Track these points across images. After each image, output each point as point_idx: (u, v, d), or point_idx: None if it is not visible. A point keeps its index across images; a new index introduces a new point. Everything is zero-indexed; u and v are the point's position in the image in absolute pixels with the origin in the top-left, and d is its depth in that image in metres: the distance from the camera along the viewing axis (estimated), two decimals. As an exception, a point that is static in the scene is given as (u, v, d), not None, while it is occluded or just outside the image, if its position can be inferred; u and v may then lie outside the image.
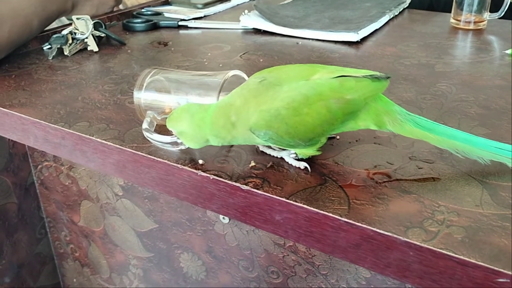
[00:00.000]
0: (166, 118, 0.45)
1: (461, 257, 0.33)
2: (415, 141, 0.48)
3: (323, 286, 0.56)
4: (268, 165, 0.44)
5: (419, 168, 0.44)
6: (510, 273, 0.32)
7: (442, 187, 0.41)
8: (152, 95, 0.49)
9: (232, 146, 0.48)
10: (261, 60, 0.71)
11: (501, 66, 0.68)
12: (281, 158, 0.45)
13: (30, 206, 0.84)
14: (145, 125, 0.47)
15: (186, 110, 0.43)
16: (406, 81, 0.63)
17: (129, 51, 0.77)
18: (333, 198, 0.39)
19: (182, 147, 0.45)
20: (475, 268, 0.33)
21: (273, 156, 0.45)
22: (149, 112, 0.48)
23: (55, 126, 0.53)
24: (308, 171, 0.42)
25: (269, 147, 0.46)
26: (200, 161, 0.45)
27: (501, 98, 0.58)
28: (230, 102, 0.42)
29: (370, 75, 0.41)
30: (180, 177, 0.45)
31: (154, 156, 0.46)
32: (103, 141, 0.49)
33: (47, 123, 0.53)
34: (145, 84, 0.49)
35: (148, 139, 0.46)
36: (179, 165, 0.44)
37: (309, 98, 0.39)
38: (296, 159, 0.44)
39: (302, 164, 0.43)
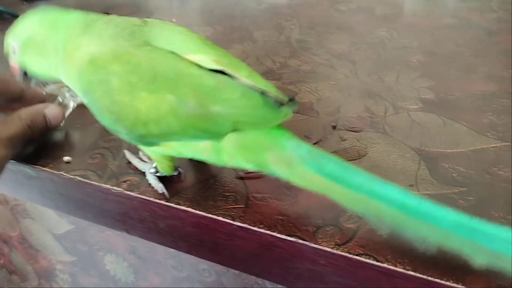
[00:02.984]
0: None
1: (385, 265, 0.24)
2: (341, 105, 0.39)
3: (260, 283, 0.48)
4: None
5: (343, 140, 0.34)
6: (449, 284, 0.23)
7: (368, 163, 0.31)
8: None
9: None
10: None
11: (453, 1, 0.58)
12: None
13: None
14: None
15: (34, 15, 0.31)
16: (340, 30, 0.53)
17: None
18: (227, 194, 0.30)
19: (69, 111, 0.39)
20: (404, 279, 0.24)
21: (137, 168, 0.34)
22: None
23: None
24: (166, 197, 0.30)
25: (138, 154, 0.34)
26: (66, 159, 0.35)
27: (449, 40, 0.48)
28: (93, 21, 0.29)
29: (269, 93, 0.25)
30: (41, 181, 0.35)
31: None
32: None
33: None
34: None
35: None
36: (42, 168, 0.34)
37: (158, 80, 0.26)
38: (159, 178, 0.32)
39: (160, 187, 0.31)
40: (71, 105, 0.40)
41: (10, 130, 0.33)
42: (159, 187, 0.31)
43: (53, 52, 0.30)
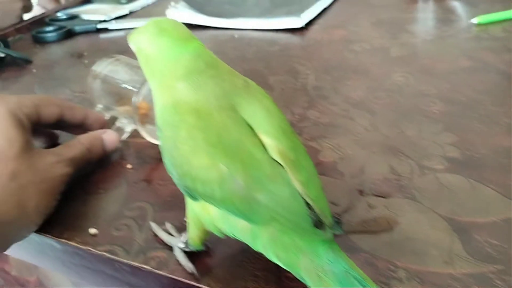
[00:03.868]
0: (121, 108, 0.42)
1: None
2: (365, 165, 0.38)
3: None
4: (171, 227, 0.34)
5: (371, 208, 0.34)
6: None
7: (400, 235, 0.31)
8: (106, 84, 0.45)
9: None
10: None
11: (467, 40, 0.58)
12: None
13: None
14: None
15: (158, 24, 0.31)
16: (356, 74, 0.53)
17: (34, 70, 0.65)
18: (258, 273, 0.30)
19: (126, 135, 0.44)
20: None
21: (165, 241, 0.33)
22: (99, 105, 0.46)
23: None
24: (196, 277, 0.30)
25: (164, 226, 0.34)
26: (92, 231, 0.35)
27: (467, 86, 0.48)
28: (199, 69, 0.28)
29: (314, 210, 0.25)
30: (67, 253, 0.35)
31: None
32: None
33: None
34: (99, 73, 0.45)
35: None
36: (69, 242, 0.34)
37: (219, 147, 0.26)
38: (186, 252, 0.31)
39: (190, 267, 0.30)
40: (128, 129, 0.45)
41: (72, 152, 0.39)
42: (189, 267, 0.30)
43: (153, 69, 0.30)
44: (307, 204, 0.25)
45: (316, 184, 0.26)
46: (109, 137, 0.42)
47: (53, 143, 0.46)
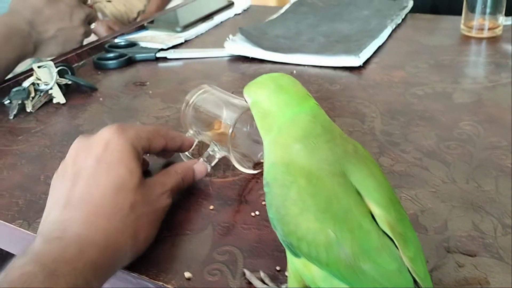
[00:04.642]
0: (210, 134, 0.47)
1: None
2: (448, 220, 0.39)
3: None
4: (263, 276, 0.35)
5: (460, 267, 0.35)
6: None
7: (493, 299, 0.32)
8: (197, 111, 0.50)
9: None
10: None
11: (529, 89, 0.59)
12: None
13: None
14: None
15: (276, 79, 0.32)
16: (423, 120, 0.54)
17: (101, 98, 0.68)
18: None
19: (216, 161, 0.47)
20: None
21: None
22: (190, 130, 0.50)
23: (13, 225, 0.44)
24: None
25: (258, 273, 0.35)
26: (187, 275, 0.36)
27: (539, 139, 0.49)
28: (315, 133, 0.30)
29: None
30: (163, 297, 0.36)
31: (129, 269, 0.37)
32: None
33: (3, 222, 0.44)
34: (192, 102, 0.50)
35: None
36: (165, 285, 0.36)
37: (329, 213, 0.27)
38: None
39: None
40: (217, 156, 0.47)
41: (172, 183, 0.41)
42: None
43: (270, 125, 0.31)
44: (414, 281, 0.26)
45: (422, 260, 0.27)
46: (199, 168, 0.45)
47: (145, 169, 0.49)
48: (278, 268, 0.36)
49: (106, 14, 1.71)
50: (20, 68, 0.79)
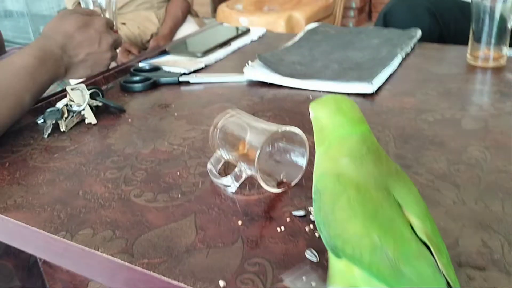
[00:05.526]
0: (236, 155, 0.51)
1: None
2: (459, 237, 0.43)
3: None
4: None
5: (470, 279, 0.38)
6: None
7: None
8: (224, 134, 0.55)
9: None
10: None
11: (533, 117, 0.63)
12: None
13: (34, 286, 0.79)
14: (209, 166, 0.54)
15: (338, 101, 0.37)
16: (434, 145, 0.58)
17: (129, 120, 0.72)
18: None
19: (240, 182, 0.51)
20: None
21: None
22: (218, 151, 0.55)
23: (56, 237, 0.47)
24: None
25: (301, 279, 0.39)
26: (221, 283, 0.40)
27: (542, 165, 0.52)
28: (361, 151, 0.34)
29: None
30: (200, 303, 0.40)
31: (169, 276, 0.41)
32: (110, 257, 0.44)
33: (47, 233, 0.48)
34: (219, 125, 0.55)
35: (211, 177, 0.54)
36: (198, 290, 0.39)
37: (375, 222, 0.31)
38: None
39: None
40: (244, 175, 0.51)
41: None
42: None
43: (324, 139, 0.36)
44: (448, 284, 0.30)
45: (452, 268, 0.31)
46: None
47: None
48: (304, 278, 0.40)
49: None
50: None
